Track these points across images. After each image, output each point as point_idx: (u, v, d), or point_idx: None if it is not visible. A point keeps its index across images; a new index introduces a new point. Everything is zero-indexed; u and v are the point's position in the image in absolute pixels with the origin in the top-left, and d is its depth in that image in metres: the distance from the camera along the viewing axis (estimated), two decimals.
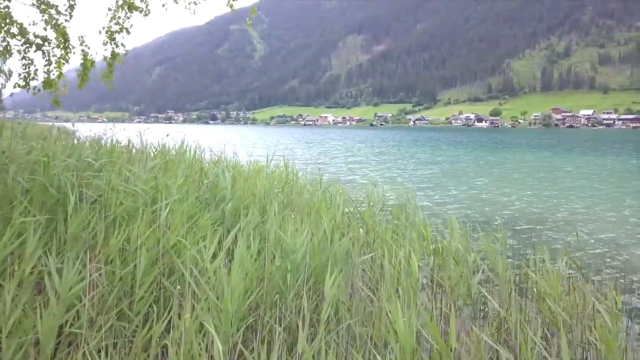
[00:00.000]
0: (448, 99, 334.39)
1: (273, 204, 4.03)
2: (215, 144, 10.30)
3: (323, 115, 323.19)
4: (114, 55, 6.28)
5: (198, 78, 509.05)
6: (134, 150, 6.12)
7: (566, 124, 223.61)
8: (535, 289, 3.92)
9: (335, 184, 6.39)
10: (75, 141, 5.78)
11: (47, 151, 3.73)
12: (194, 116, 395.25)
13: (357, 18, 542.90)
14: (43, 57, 6.12)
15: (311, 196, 5.26)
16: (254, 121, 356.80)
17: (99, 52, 6.21)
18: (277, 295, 2.88)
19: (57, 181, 3.40)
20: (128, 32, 6.18)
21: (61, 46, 5.97)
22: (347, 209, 5.35)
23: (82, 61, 6.15)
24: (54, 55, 6.05)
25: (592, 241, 8.67)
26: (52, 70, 6.10)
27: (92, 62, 6.18)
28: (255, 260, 2.94)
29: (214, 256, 2.85)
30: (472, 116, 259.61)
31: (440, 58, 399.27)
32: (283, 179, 5.93)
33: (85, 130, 9.43)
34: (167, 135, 7.06)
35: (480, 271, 3.75)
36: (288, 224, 3.25)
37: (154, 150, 6.33)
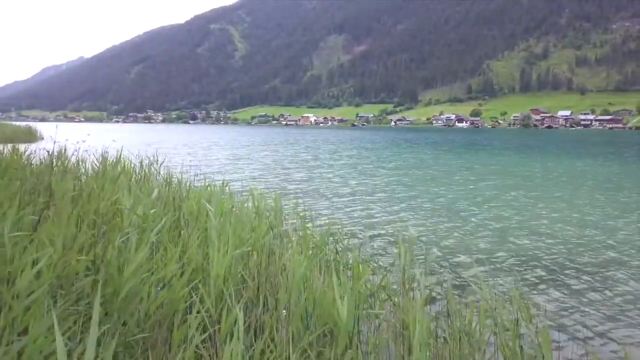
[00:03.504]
0: (429, 100, 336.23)
1: (237, 325, 2.28)
2: (176, 148, 9.00)
3: (305, 115, 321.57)
4: None
5: (178, 77, 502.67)
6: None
7: (545, 125, 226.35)
8: None
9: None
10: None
11: None
12: (174, 115, 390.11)
13: (338, 18, 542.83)
14: None
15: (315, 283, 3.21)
16: (234, 121, 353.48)
17: None
18: None
19: None
20: None
21: None
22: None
23: None
24: None
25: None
26: None
27: None
28: None
29: None
30: (453, 117, 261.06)
31: (421, 59, 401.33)
32: (261, 228, 4.17)
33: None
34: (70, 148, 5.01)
35: None
36: None
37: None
